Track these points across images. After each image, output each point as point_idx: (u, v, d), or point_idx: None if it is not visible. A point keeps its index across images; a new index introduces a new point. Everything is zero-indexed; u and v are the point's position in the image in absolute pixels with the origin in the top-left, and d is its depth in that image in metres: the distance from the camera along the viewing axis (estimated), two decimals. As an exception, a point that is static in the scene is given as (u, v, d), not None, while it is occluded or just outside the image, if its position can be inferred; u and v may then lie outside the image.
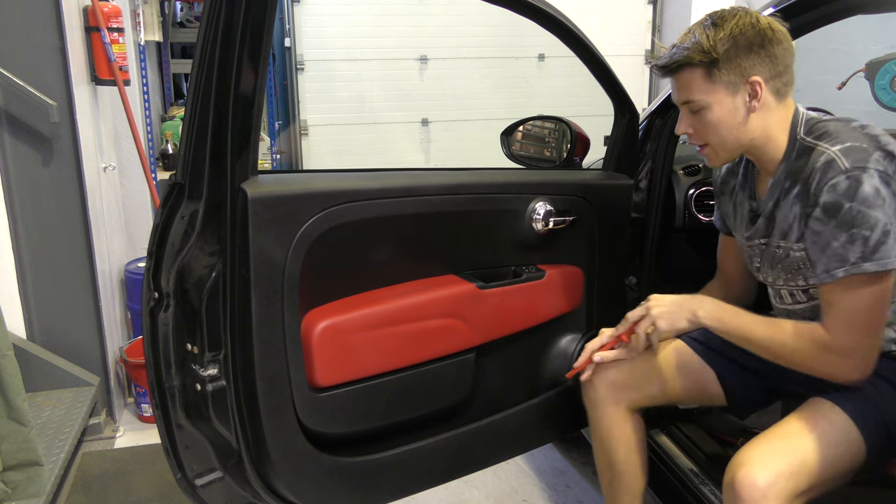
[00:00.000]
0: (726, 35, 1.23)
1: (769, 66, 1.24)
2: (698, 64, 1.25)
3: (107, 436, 2.52)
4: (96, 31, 2.50)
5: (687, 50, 1.25)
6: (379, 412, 1.44)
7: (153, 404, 1.36)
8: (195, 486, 1.38)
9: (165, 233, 1.29)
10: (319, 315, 1.33)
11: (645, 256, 1.82)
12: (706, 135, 1.32)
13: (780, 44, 1.24)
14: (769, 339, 1.28)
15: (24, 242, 2.33)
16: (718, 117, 1.28)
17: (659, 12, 4.88)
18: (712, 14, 1.27)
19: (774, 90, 1.27)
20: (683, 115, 1.33)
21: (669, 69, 1.29)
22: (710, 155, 1.36)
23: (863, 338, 1.20)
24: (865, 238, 1.16)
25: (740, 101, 1.26)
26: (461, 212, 1.50)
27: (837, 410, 1.25)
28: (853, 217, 1.16)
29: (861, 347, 1.21)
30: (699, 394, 1.55)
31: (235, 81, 1.14)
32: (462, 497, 2.15)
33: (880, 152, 1.17)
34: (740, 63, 1.23)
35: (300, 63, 4.32)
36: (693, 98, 1.29)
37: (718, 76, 1.25)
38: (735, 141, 1.30)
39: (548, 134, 1.85)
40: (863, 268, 1.16)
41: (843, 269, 1.18)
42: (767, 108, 1.28)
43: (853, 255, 1.17)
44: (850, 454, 1.22)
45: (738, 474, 1.16)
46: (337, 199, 1.30)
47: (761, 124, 1.29)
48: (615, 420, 1.53)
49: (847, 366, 1.22)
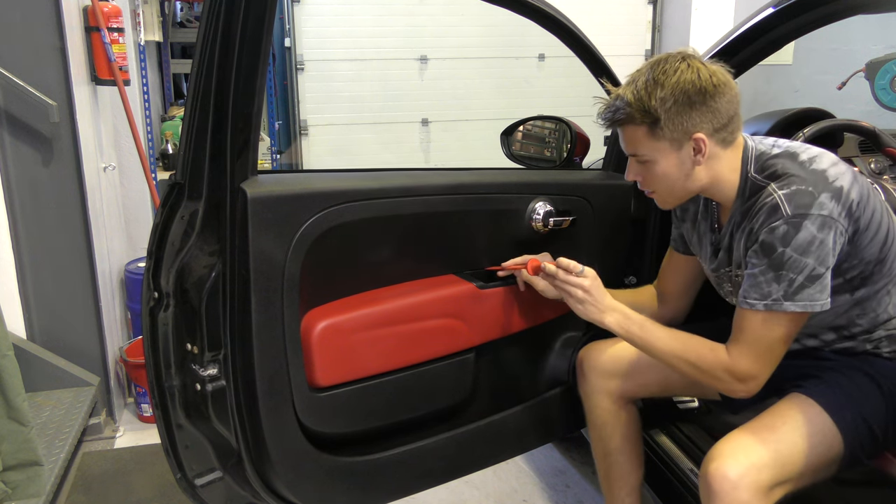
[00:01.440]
0: (667, 94, 1.22)
1: (712, 120, 1.25)
2: (640, 123, 1.26)
3: (107, 436, 2.52)
4: (96, 31, 2.50)
5: (630, 107, 1.25)
6: (379, 412, 1.44)
7: (153, 404, 1.36)
8: (195, 485, 1.38)
9: (165, 233, 1.29)
10: (319, 315, 1.33)
11: (645, 256, 1.82)
12: (653, 184, 1.34)
13: (723, 96, 1.24)
14: (670, 354, 1.33)
15: (24, 242, 2.33)
16: (664, 170, 1.30)
17: (659, 12, 4.88)
18: (654, 66, 1.26)
19: (720, 140, 1.28)
20: (631, 164, 1.35)
21: (613, 123, 1.31)
22: (660, 200, 1.39)
23: (763, 367, 1.25)
24: (791, 280, 1.19)
25: (686, 155, 1.27)
26: (461, 212, 1.50)
27: (811, 403, 1.27)
28: (783, 261, 1.19)
29: (759, 374, 1.25)
30: (693, 385, 1.56)
31: (235, 81, 1.14)
32: (462, 497, 2.15)
33: (826, 194, 1.19)
34: (682, 122, 1.24)
35: (300, 63, 4.32)
36: (638, 152, 1.30)
37: (661, 134, 1.26)
38: (683, 189, 1.33)
39: (548, 134, 1.85)
40: (783, 306, 1.20)
41: (762, 303, 1.22)
42: (715, 157, 1.29)
43: (776, 293, 1.20)
44: (824, 445, 1.24)
45: (710, 467, 1.20)
46: (336, 199, 1.30)
47: (709, 173, 1.30)
48: (610, 409, 1.57)
49: (742, 388, 1.27)
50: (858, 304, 1.32)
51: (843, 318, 1.35)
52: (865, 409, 1.28)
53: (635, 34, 4.87)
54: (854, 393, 1.29)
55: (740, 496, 1.16)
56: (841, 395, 1.29)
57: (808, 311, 1.21)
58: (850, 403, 1.28)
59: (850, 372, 1.33)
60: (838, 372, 1.34)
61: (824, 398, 1.28)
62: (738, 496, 1.16)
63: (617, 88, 1.31)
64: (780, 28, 1.63)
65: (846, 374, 1.33)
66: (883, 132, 1.74)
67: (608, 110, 1.30)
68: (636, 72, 1.28)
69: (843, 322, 1.35)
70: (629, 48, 4.83)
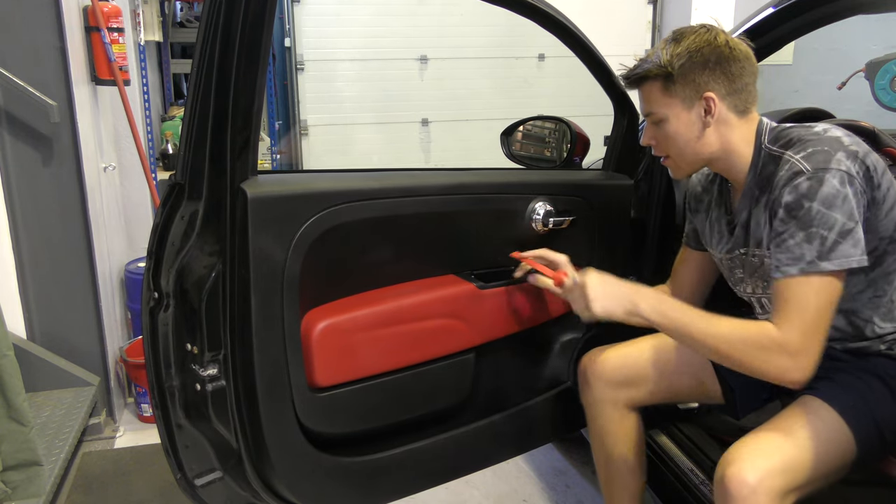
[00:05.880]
0: (682, 51, 1.27)
1: (725, 83, 1.28)
2: (655, 77, 1.30)
3: (107, 436, 2.52)
4: (96, 31, 2.50)
5: (646, 63, 1.31)
6: (379, 412, 1.44)
7: (153, 404, 1.36)
8: (195, 486, 1.38)
9: (165, 233, 1.29)
10: (319, 315, 1.33)
11: (645, 256, 1.82)
12: (666, 146, 1.36)
13: (738, 62, 1.28)
14: (713, 335, 1.23)
15: (24, 242, 2.33)
16: (675, 129, 1.32)
17: (659, 12, 4.88)
18: (676, 30, 1.32)
19: (732, 106, 1.30)
20: (647, 127, 1.38)
21: (631, 81, 1.35)
22: (672, 167, 1.40)
23: (813, 337, 1.18)
24: (823, 237, 1.17)
25: (695, 115, 1.30)
26: (461, 212, 1.50)
27: (827, 408, 1.25)
28: (812, 216, 1.17)
29: (811, 347, 1.18)
30: (697, 391, 1.56)
31: (235, 81, 1.14)
32: (462, 497, 2.15)
33: (843, 153, 1.19)
34: (694, 79, 1.27)
35: (300, 63, 4.32)
36: (652, 110, 1.34)
37: (674, 90, 1.29)
38: (693, 153, 1.34)
39: (548, 134, 1.85)
40: (819, 266, 1.17)
41: (797, 267, 1.18)
42: (727, 123, 1.31)
43: (809, 254, 1.17)
44: (840, 451, 1.23)
45: (728, 471, 1.17)
46: (337, 199, 1.30)
47: (720, 139, 1.32)
48: (613, 418, 1.55)
49: (795, 366, 1.18)
50: (871, 285, 1.31)
51: (855, 301, 1.32)
52: (878, 414, 1.26)
53: (635, 34, 4.87)
54: (868, 396, 1.27)
55: (758, 501, 1.14)
56: (855, 398, 1.26)
57: (846, 269, 1.18)
58: (864, 408, 1.26)
59: (863, 375, 1.31)
60: (851, 374, 1.31)
61: (839, 402, 1.25)
62: (756, 501, 1.14)
63: None
64: (780, 28, 1.63)
65: (859, 376, 1.30)
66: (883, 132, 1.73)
67: (630, 70, 1.34)
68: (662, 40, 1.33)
69: (856, 307, 1.33)
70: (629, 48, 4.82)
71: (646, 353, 1.53)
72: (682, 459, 1.68)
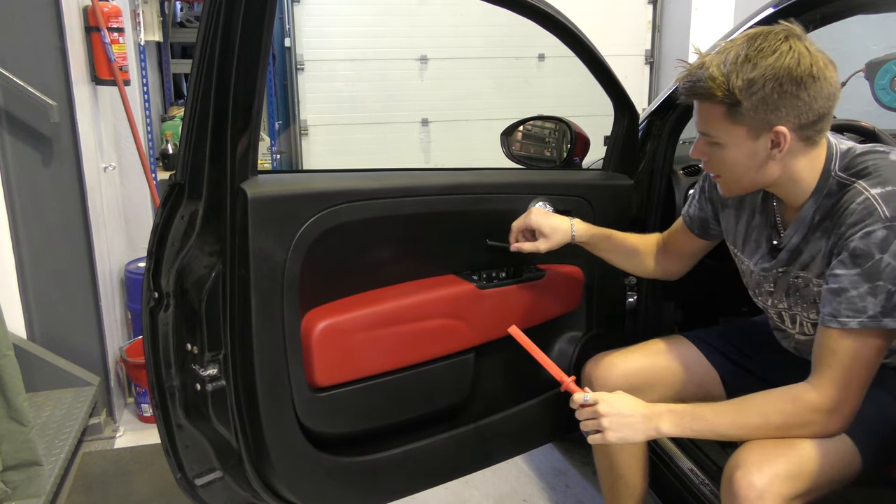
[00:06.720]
0: (757, 76, 1.09)
1: (799, 114, 1.11)
2: (720, 102, 1.13)
3: (107, 436, 2.52)
4: (96, 31, 2.50)
5: (712, 82, 1.11)
6: (379, 412, 1.44)
7: (153, 404, 1.36)
8: (195, 485, 1.38)
9: (165, 233, 1.29)
10: (319, 315, 1.33)
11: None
12: (720, 169, 1.23)
13: (820, 90, 1.09)
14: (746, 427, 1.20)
15: (24, 242, 2.33)
16: (734, 158, 1.18)
17: (659, 12, 4.88)
18: (751, 41, 1.11)
19: (804, 138, 1.14)
20: (699, 142, 1.22)
21: (689, 93, 1.18)
22: (723, 188, 1.28)
23: (854, 393, 1.14)
24: (890, 293, 1.08)
25: (761, 146, 1.15)
26: (461, 212, 1.50)
27: None
28: (881, 270, 1.08)
29: (850, 398, 1.14)
30: (700, 393, 1.55)
31: (235, 81, 1.14)
32: (462, 497, 2.15)
33: None
34: (767, 112, 1.11)
35: (300, 63, 4.32)
36: (710, 133, 1.18)
37: (741, 119, 1.13)
38: (751, 182, 1.22)
39: (548, 134, 1.85)
40: (881, 322, 1.09)
41: (856, 321, 1.10)
42: (793, 154, 1.16)
43: (872, 308, 1.09)
44: (843, 463, 1.21)
45: (736, 474, 1.17)
46: (336, 199, 1.30)
47: (783, 170, 1.18)
48: None
49: (833, 422, 1.15)
50: None
51: None
52: (885, 429, 1.25)
53: (635, 34, 4.87)
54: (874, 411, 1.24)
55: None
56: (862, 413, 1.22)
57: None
58: (870, 423, 1.23)
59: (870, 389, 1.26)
60: None
61: None
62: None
63: (704, 55, 1.16)
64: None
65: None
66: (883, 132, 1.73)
67: (688, 79, 1.15)
68: (730, 42, 1.13)
69: None
70: (629, 48, 4.83)
71: (651, 359, 1.52)
72: (683, 460, 1.68)
